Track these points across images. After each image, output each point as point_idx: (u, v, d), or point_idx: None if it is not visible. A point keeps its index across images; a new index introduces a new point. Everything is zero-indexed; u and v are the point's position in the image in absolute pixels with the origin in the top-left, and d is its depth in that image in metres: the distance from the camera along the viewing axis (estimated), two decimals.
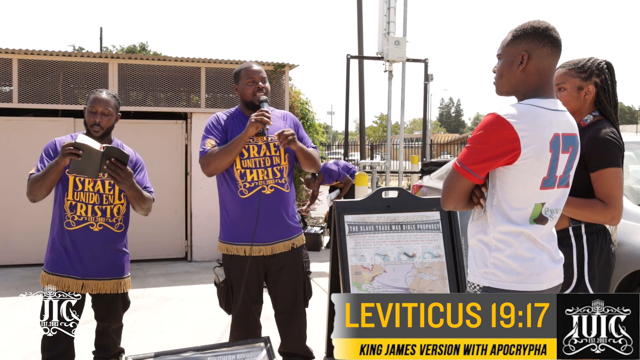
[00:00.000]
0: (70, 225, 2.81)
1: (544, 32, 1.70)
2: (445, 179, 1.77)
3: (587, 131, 2.33)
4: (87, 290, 2.84)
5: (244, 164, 2.91)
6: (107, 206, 2.85)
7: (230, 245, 2.97)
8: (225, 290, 3.01)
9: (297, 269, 3.03)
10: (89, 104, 2.84)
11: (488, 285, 1.69)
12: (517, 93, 1.77)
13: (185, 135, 6.89)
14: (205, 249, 6.84)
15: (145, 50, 26.44)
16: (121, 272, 2.92)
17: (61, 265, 2.81)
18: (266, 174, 2.92)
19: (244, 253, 2.92)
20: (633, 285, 3.41)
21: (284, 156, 2.98)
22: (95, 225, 2.83)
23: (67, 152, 2.59)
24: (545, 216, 1.71)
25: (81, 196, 2.80)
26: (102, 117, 2.82)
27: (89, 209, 2.81)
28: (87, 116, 2.85)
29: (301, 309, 3.07)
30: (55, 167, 2.68)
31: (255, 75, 2.97)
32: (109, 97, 2.87)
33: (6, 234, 6.41)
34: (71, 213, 2.81)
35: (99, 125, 2.82)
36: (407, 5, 8.81)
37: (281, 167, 2.97)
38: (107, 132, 2.87)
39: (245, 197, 2.91)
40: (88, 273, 2.82)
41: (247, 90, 2.97)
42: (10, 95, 6.33)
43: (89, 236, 2.81)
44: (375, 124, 40.20)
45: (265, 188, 2.92)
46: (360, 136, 16.80)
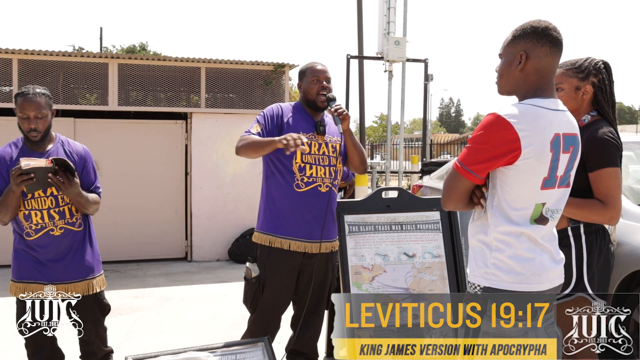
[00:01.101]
0: (30, 235, 2.71)
1: (543, 32, 1.70)
2: (445, 179, 1.77)
3: (585, 131, 2.33)
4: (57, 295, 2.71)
5: (304, 158, 2.91)
6: (64, 207, 2.74)
7: (274, 237, 2.91)
8: (255, 287, 2.93)
9: (329, 272, 3.06)
10: (19, 108, 2.67)
11: (488, 286, 1.69)
12: (518, 93, 1.77)
13: (185, 135, 6.89)
14: (205, 249, 6.84)
15: (145, 50, 26.43)
16: (91, 271, 2.82)
17: (27, 272, 2.73)
18: (324, 172, 2.94)
19: (288, 247, 2.89)
20: (633, 285, 3.41)
21: (339, 158, 3.01)
22: (56, 230, 2.73)
23: (20, 181, 2.52)
24: (545, 216, 1.71)
25: (33, 204, 2.69)
26: (37, 121, 2.68)
27: (44, 215, 2.70)
28: (20, 122, 2.70)
29: (322, 310, 3.10)
30: (12, 195, 2.61)
31: (320, 75, 2.98)
32: (39, 97, 2.69)
33: (6, 234, 6.38)
34: (27, 223, 2.70)
35: (36, 130, 2.70)
36: (407, 5, 8.82)
37: (336, 168, 3.00)
38: (45, 133, 2.75)
39: (301, 190, 2.90)
40: (56, 277, 2.73)
41: (311, 89, 2.97)
42: (10, 96, 6.33)
43: (51, 241, 2.72)
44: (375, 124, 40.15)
45: (322, 186, 2.94)
46: (360, 136, 16.78)
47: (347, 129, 2.92)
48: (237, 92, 7.05)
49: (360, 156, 3.04)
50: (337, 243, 3.09)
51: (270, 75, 7.05)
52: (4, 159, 2.73)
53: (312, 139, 2.94)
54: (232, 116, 6.88)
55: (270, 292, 2.92)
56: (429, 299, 3.21)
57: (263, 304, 2.93)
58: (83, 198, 2.73)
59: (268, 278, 2.92)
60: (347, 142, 2.99)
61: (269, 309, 2.95)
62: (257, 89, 7.07)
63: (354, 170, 3.12)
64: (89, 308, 2.82)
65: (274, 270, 2.91)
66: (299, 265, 2.95)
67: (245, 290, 3.03)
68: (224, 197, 6.80)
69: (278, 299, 2.95)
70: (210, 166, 6.84)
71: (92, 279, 2.83)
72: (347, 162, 3.09)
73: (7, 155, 2.75)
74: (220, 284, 5.79)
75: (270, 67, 7.02)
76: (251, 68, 6.96)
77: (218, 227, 6.80)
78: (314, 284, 2.98)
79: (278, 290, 2.93)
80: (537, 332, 1.70)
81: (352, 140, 2.99)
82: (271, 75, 7.03)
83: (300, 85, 3.05)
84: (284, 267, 2.91)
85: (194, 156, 6.82)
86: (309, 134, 2.95)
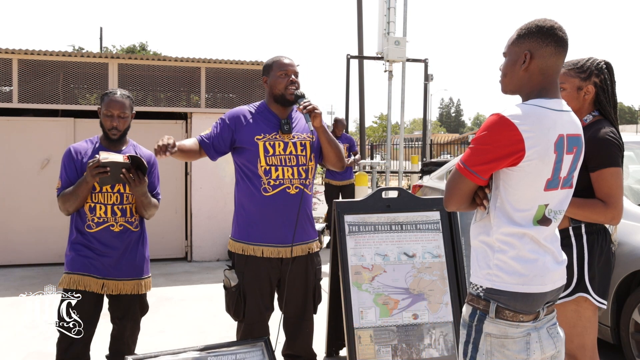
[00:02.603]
0: (91, 228, 2.81)
1: (548, 31, 1.68)
2: (448, 179, 1.76)
3: (587, 131, 2.33)
4: (107, 290, 2.81)
5: (269, 160, 2.79)
6: (127, 205, 2.85)
7: (246, 244, 2.83)
8: (236, 295, 2.83)
9: (310, 275, 2.93)
10: (105, 107, 2.82)
11: (491, 287, 1.68)
12: (521, 92, 1.75)
13: (185, 135, 6.88)
14: (205, 249, 6.84)
15: (145, 50, 26.43)
16: (141, 273, 2.92)
17: (82, 265, 2.79)
18: (291, 173, 2.81)
19: (261, 254, 2.80)
20: (633, 285, 3.41)
21: (309, 155, 2.87)
22: (116, 226, 2.83)
23: (96, 173, 2.63)
24: (548, 217, 1.70)
25: (99, 197, 2.80)
26: (119, 120, 2.82)
27: (108, 210, 2.81)
28: (103, 119, 2.84)
29: (310, 315, 3.00)
30: (85, 185, 2.72)
31: (288, 68, 2.84)
32: (125, 98, 2.85)
33: (6, 234, 6.41)
34: (91, 215, 2.81)
35: (117, 128, 2.83)
36: (407, 5, 8.82)
37: (307, 167, 2.86)
38: (124, 134, 2.89)
39: (268, 194, 2.78)
40: (109, 273, 2.81)
41: (278, 84, 2.83)
42: (10, 95, 6.33)
43: (110, 236, 2.81)
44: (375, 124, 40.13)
45: (290, 187, 2.81)
46: (360, 136, 16.78)
47: (320, 126, 2.79)
48: (237, 92, 7.05)
49: (336, 153, 2.89)
50: (316, 244, 2.97)
51: None
52: (80, 153, 2.85)
53: (275, 139, 2.81)
54: None
55: (253, 299, 2.82)
56: (429, 299, 3.21)
57: (249, 313, 2.83)
58: (147, 198, 2.84)
59: (248, 286, 2.82)
60: (321, 139, 2.85)
61: (256, 318, 2.85)
62: (257, 89, 7.06)
63: (331, 166, 2.98)
64: (133, 307, 2.91)
65: (252, 277, 2.82)
66: (278, 271, 2.85)
67: (227, 299, 2.92)
68: (224, 197, 6.80)
69: (260, 306, 2.84)
70: (210, 166, 6.83)
71: (141, 279, 2.92)
72: (323, 160, 2.96)
73: (83, 149, 2.87)
74: (220, 284, 5.71)
75: None
76: (251, 68, 6.96)
77: (218, 227, 6.80)
78: (296, 288, 2.89)
79: (260, 297, 2.83)
80: (539, 333, 1.69)
81: (327, 137, 2.85)
82: None
83: (266, 80, 2.89)
84: (261, 273, 2.82)
85: None
86: (272, 134, 2.83)
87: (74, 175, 2.81)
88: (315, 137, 2.89)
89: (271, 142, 2.80)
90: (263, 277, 2.82)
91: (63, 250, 7.24)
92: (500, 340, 1.66)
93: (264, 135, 2.82)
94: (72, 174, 2.82)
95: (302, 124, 2.92)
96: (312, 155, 2.89)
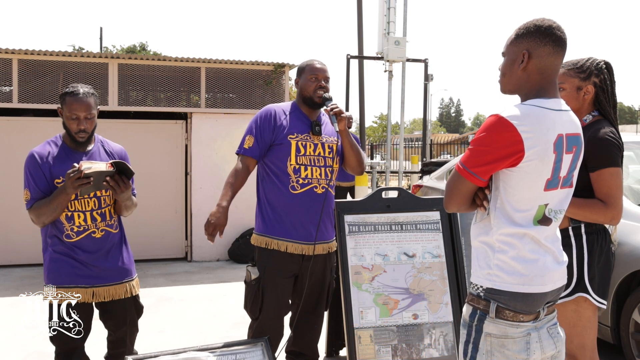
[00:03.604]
0: (70, 237, 2.64)
1: (546, 31, 1.68)
2: (448, 180, 1.76)
3: (587, 131, 2.33)
4: (98, 298, 2.69)
5: (299, 160, 2.90)
6: (105, 209, 2.71)
7: (271, 239, 2.90)
8: (255, 290, 2.90)
9: (327, 272, 3.06)
10: (67, 108, 2.57)
11: (491, 287, 1.68)
12: (520, 92, 1.75)
13: (185, 135, 6.88)
14: (205, 249, 6.84)
15: (145, 50, 26.43)
16: (129, 274, 2.81)
17: (66, 277, 2.65)
18: (319, 173, 2.92)
19: (285, 249, 2.88)
20: (633, 285, 3.41)
21: (335, 159, 3.00)
22: (97, 232, 2.68)
23: (78, 185, 2.46)
24: (549, 217, 1.70)
25: (76, 205, 2.62)
26: (87, 122, 2.61)
27: (87, 217, 2.65)
28: (67, 122, 2.60)
29: (322, 311, 3.11)
30: (64, 197, 2.53)
31: (319, 73, 2.96)
32: (89, 97, 2.61)
33: (6, 234, 6.41)
34: (69, 224, 2.64)
35: (85, 131, 2.62)
36: (407, 5, 8.82)
37: (332, 169, 2.99)
38: (91, 134, 2.69)
39: (296, 192, 2.89)
40: (97, 280, 2.68)
41: (308, 86, 2.95)
42: (10, 95, 6.33)
43: (92, 243, 2.67)
44: (375, 124, 40.13)
45: (317, 187, 2.93)
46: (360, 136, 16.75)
47: (344, 130, 2.90)
48: (237, 92, 7.05)
49: (357, 157, 3.02)
50: (334, 244, 3.08)
51: (270, 75, 7.05)
52: (45, 158, 2.62)
53: (307, 139, 2.93)
54: (232, 116, 6.87)
55: (273, 294, 2.89)
56: (429, 299, 3.21)
57: (266, 308, 2.89)
58: (130, 201, 2.71)
59: (268, 279, 2.89)
60: (344, 142, 2.96)
61: (273, 314, 2.91)
62: (257, 89, 7.06)
63: (350, 171, 3.09)
64: (128, 310, 2.80)
65: (274, 271, 2.90)
66: (298, 267, 2.94)
67: (246, 294, 2.99)
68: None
69: (280, 300, 2.92)
70: (210, 166, 6.83)
71: (130, 281, 2.81)
72: (344, 163, 3.07)
73: (49, 154, 2.64)
74: (220, 284, 5.79)
75: (270, 67, 7.01)
76: (251, 68, 6.96)
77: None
78: (313, 285, 2.97)
79: (279, 291, 2.91)
80: (539, 333, 1.69)
81: (350, 141, 2.97)
82: (271, 75, 7.03)
83: (298, 82, 3.02)
84: (283, 268, 2.90)
85: (194, 156, 6.81)
86: (304, 135, 2.94)
87: (44, 184, 2.59)
88: (339, 141, 2.99)
89: (303, 142, 2.92)
90: (283, 272, 2.91)
91: None
92: (500, 340, 1.66)
93: (297, 135, 2.93)
94: (41, 183, 2.59)
95: (330, 127, 3.03)
96: (337, 157, 3.02)
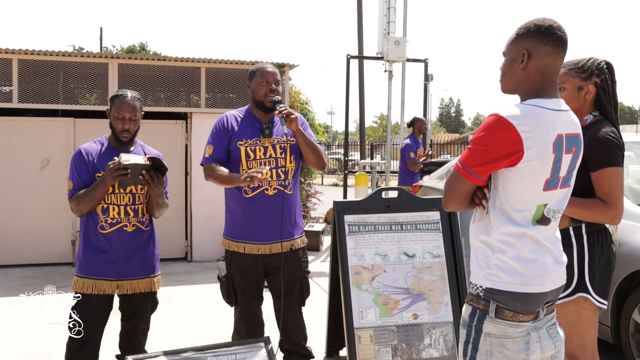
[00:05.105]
0: (104, 229, 2.81)
1: (546, 31, 1.67)
2: (446, 180, 1.76)
3: (587, 131, 2.33)
4: (122, 290, 2.85)
5: (250, 164, 2.98)
6: (139, 205, 2.87)
7: (231, 241, 3.06)
8: (227, 284, 3.09)
9: (295, 268, 3.09)
10: (116, 109, 2.81)
11: (491, 287, 1.68)
12: (520, 92, 1.75)
13: (185, 135, 6.88)
14: (205, 249, 6.84)
15: (145, 50, 26.41)
16: (153, 270, 2.95)
17: (95, 268, 2.80)
18: (269, 175, 2.97)
19: (243, 250, 3.02)
20: (633, 285, 3.41)
21: (289, 158, 3.04)
22: (129, 226, 2.85)
23: (117, 175, 2.64)
24: (547, 217, 1.69)
25: (112, 198, 2.80)
26: (131, 123, 2.83)
27: (121, 210, 2.82)
28: (113, 121, 2.83)
29: (297, 307, 3.13)
30: (103, 187, 2.72)
31: (269, 77, 3.02)
32: (135, 101, 2.85)
33: (6, 234, 6.41)
34: (104, 216, 2.81)
35: (128, 131, 2.84)
36: (407, 5, 8.79)
37: (286, 169, 3.03)
38: (134, 135, 2.90)
39: (248, 196, 2.99)
40: (122, 273, 2.83)
41: (259, 90, 3.02)
42: (10, 95, 6.33)
43: (123, 237, 2.83)
44: (375, 124, 40.10)
45: (269, 189, 2.99)
46: (360, 136, 16.79)
47: (297, 129, 2.94)
48: (237, 92, 7.05)
49: (315, 153, 3.04)
50: (299, 241, 3.12)
51: None
52: (91, 155, 2.84)
53: (256, 144, 3.00)
54: None
55: (240, 292, 3.06)
56: (429, 299, 3.21)
57: (240, 302, 3.07)
58: (162, 199, 2.88)
59: (235, 278, 3.07)
60: (299, 142, 3.01)
61: (246, 307, 3.07)
62: None
63: (312, 167, 3.15)
64: (145, 304, 2.95)
65: (237, 272, 3.05)
66: (263, 264, 3.05)
67: (220, 287, 3.18)
68: (223, 197, 6.77)
69: (248, 297, 3.06)
70: None
71: (153, 277, 2.96)
72: (304, 160, 3.11)
73: (94, 151, 2.86)
74: None
75: None
76: (251, 68, 6.95)
77: (218, 227, 6.75)
78: (280, 281, 3.03)
79: (246, 289, 3.05)
80: (539, 333, 1.69)
81: (304, 139, 3.00)
82: None
83: (250, 86, 3.09)
84: (244, 268, 3.03)
85: (194, 156, 6.81)
86: (253, 139, 3.01)
87: (87, 176, 2.81)
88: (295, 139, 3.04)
89: (252, 147, 3.01)
90: (247, 271, 3.04)
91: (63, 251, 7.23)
92: (500, 340, 1.66)
93: (245, 141, 3.01)
94: (84, 176, 2.81)
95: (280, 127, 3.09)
96: (292, 157, 3.06)
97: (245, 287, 3.05)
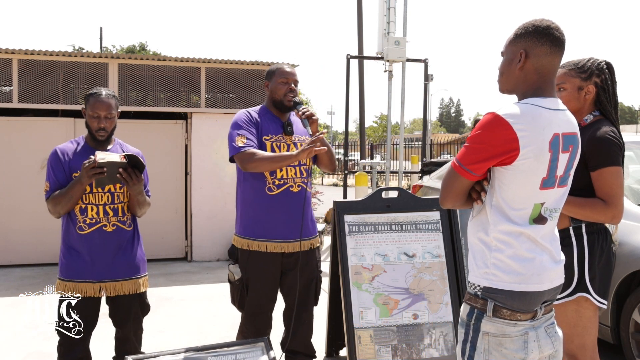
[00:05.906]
0: (82, 229, 2.76)
1: (544, 31, 1.69)
2: (443, 177, 1.77)
3: (587, 131, 2.33)
4: (104, 292, 2.79)
5: None
6: (119, 204, 2.81)
7: (251, 240, 2.97)
8: (240, 288, 3.01)
9: (312, 268, 3.08)
10: (90, 108, 2.76)
11: (488, 286, 1.68)
12: (517, 91, 1.76)
13: (185, 135, 6.88)
14: (205, 249, 6.84)
15: (145, 50, 26.42)
16: (137, 271, 2.88)
17: (76, 271, 2.76)
18: (294, 172, 2.97)
19: (265, 249, 2.95)
20: (633, 285, 3.41)
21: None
22: (109, 226, 2.79)
23: (92, 174, 2.61)
24: (544, 216, 1.70)
25: (90, 198, 2.76)
26: (107, 121, 2.78)
27: (100, 210, 2.77)
28: (89, 120, 2.79)
29: (311, 306, 3.13)
30: (79, 187, 2.69)
31: (289, 77, 3.02)
32: (110, 98, 2.80)
33: (6, 234, 6.41)
34: (82, 216, 2.76)
35: (104, 129, 2.79)
36: (407, 5, 8.79)
37: (307, 166, 3.04)
38: (111, 133, 2.85)
39: (273, 193, 2.94)
40: (104, 275, 2.77)
41: (279, 90, 3.01)
42: (10, 95, 6.33)
43: (103, 237, 2.77)
44: (375, 124, 40.08)
45: (293, 186, 2.97)
46: (360, 136, 16.79)
47: (316, 131, 2.95)
48: (237, 92, 7.05)
49: (329, 156, 3.06)
50: (316, 240, 3.13)
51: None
52: (67, 154, 2.81)
53: (280, 140, 2.99)
54: (232, 116, 6.86)
55: (255, 293, 2.98)
56: (429, 299, 3.21)
57: (249, 305, 2.99)
58: (142, 196, 2.83)
59: (251, 280, 2.98)
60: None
61: (257, 310, 3.00)
62: (257, 89, 7.06)
63: (323, 169, 3.15)
64: (133, 307, 2.88)
65: (255, 272, 2.97)
66: (280, 264, 3.00)
67: (231, 291, 3.10)
68: (224, 197, 6.80)
69: (263, 298, 3.00)
70: (210, 166, 6.83)
71: (138, 278, 2.89)
72: (317, 162, 3.12)
73: (70, 150, 2.83)
74: (220, 284, 5.78)
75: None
76: (251, 68, 6.96)
77: (218, 227, 6.80)
78: (299, 281, 3.01)
79: (261, 290, 2.98)
80: (537, 333, 1.69)
81: (323, 141, 2.99)
82: None
83: (268, 85, 3.07)
84: (264, 268, 2.96)
85: (194, 156, 6.81)
86: (277, 135, 3.00)
87: (63, 176, 2.77)
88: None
89: (277, 143, 2.98)
90: (266, 271, 2.97)
91: None
92: (498, 339, 1.66)
93: (271, 137, 2.99)
94: (60, 176, 2.77)
95: (300, 127, 3.09)
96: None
97: (261, 288, 2.98)
